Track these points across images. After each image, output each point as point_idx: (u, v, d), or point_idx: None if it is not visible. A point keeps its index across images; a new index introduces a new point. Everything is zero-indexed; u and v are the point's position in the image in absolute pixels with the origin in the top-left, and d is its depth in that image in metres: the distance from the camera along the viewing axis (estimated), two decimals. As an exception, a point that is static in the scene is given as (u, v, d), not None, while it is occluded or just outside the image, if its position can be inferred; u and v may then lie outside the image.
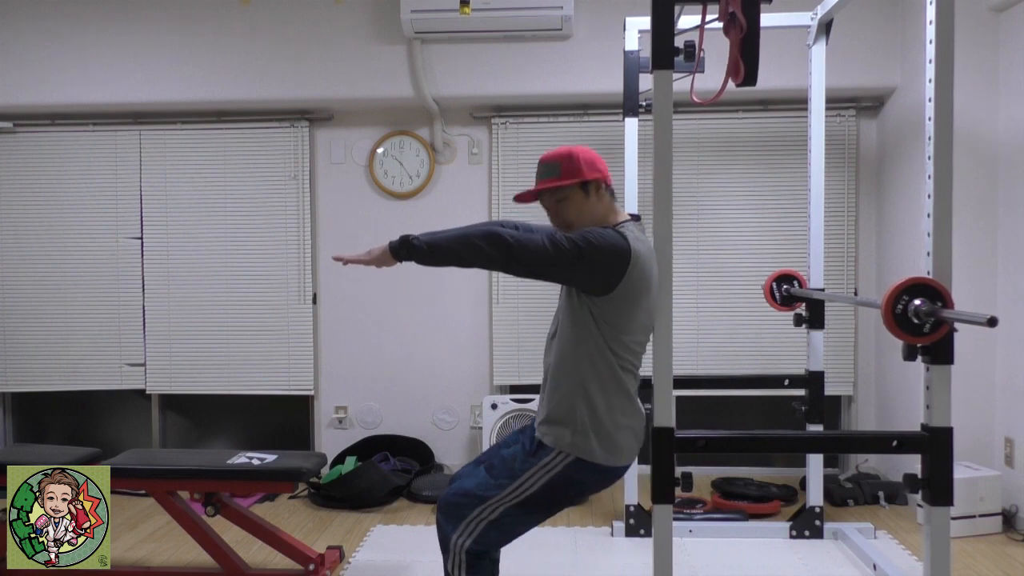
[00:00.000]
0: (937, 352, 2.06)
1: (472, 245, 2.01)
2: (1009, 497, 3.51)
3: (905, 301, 1.99)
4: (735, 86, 2.01)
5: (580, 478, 2.10)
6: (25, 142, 4.47)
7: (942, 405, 2.08)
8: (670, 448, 1.99)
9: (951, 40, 2.06)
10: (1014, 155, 3.53)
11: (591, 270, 2.00)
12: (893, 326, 2.00)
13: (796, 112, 4.15)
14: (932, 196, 2.09)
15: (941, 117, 2.07)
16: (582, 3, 4.05)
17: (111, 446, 4.50)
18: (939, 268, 2.08)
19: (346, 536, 3.53)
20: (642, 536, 3.43)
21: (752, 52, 1.94)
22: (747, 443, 2.40)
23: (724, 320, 4.29)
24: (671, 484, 1.99)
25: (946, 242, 2.08)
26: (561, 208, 2.16)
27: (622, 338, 2.07)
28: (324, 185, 4.47)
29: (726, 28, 1.98)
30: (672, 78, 1.95)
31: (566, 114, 4.32)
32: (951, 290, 2.01)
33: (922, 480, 2.09)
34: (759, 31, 1.94)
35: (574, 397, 2.09)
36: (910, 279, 1.99)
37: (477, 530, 2.11)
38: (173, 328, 4.47)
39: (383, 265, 2.16)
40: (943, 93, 2.07)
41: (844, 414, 4.43)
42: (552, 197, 2.16)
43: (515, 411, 4.21)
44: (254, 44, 4.21)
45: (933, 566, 2.06)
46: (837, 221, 4.24)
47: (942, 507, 2.07)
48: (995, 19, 3.62)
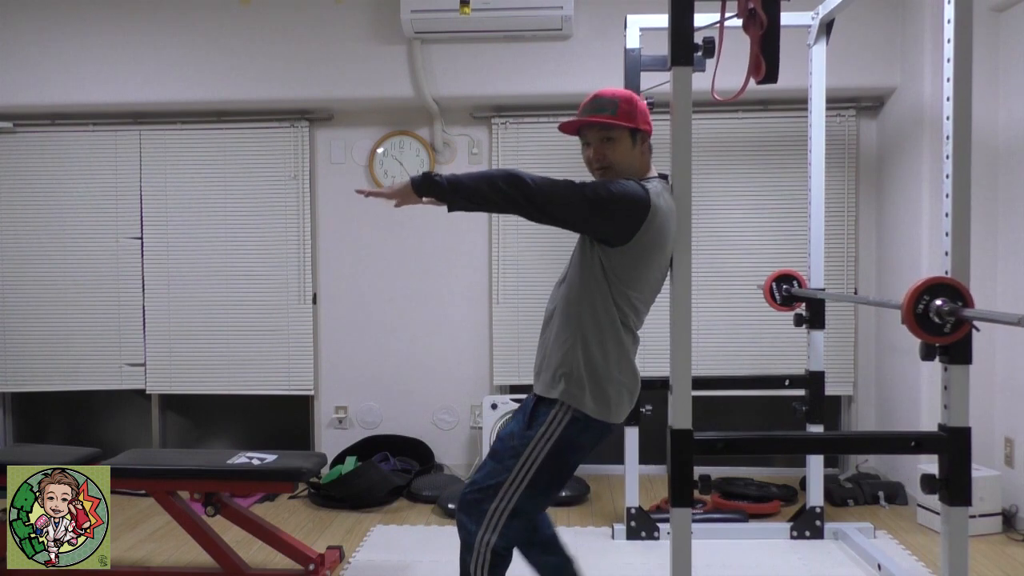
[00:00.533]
0: (956, 352, 2.04)
1: (493, 183, 2.00)
2: (1009, 497, 3.51)
3: (926, 301, 1.98)
4: (755, 83, 2.01)
5: (578, 440, 2.11)
6: (25, 142, 4.47)
7: (960, 405, 2.07)
8: (689, 451, 1.97)
9: (970, 39, 2.05)
10: (1014, 155, 3.53)
11: (609, 217, 2.00)
12: (914, 326, 1.98)
13: (796, 112, 4.15)
14: (950, 195, 2.08)
15: (960, 116, 2.06)
16: (582, 3, 4.05)
17: (111, 446, 4.50)
18: (958, 267, 2.06)
19: (346, 536, 3.53)
20: (643, 539, 3.42)
21: (773, 49, 1.93)
22: (767, 444, 2.37)
23: (724, 320, 4.29)
24: (690, 487, 1.98)
25: (965, 242, 2.07)
26: (607, 148, 2.12)
27: (629, 294, 2.07)
28: (324, 185, 4.47)
29: (746, 25, 1.97)
30: (691, 75, 1.94)
31: (566, 114, 4.32)
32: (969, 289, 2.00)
33: (940, 480, 2.07)
34: (779, 27, 1.93)
35: (573, 345, 2.09)
36: (930, 279, 1.98)
37: (500, 523, 2.09)
38: (173, 328, 4.47)
39: (405, 202, 2.10)
40: (962, 92, 2.05)
41: (844, 414, 4.43)
42: (600, 134, 2.12)
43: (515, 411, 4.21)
44: (254, 44, 4.21)
45: (951, 566, 2.05)
46: (837, 221, 4.24)
47: (960, 507, 2.06)
48: (995, 19, 3.62)
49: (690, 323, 1.98)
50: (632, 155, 2.13)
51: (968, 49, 2.05)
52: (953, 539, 2.05)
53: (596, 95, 2.15)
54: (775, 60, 1.93)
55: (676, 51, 1.92)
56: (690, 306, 1.98)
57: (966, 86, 2.05)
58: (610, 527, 3.55)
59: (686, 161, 1.95)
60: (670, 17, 1.93)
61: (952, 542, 2.05)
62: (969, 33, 2.04)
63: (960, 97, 2.06)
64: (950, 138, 2.08)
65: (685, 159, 1.95)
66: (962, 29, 2.04)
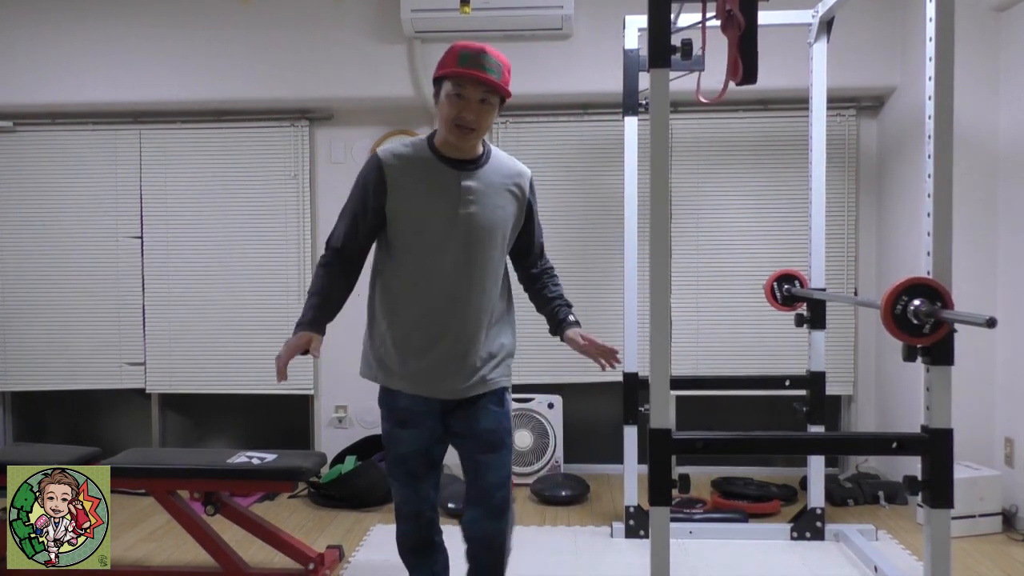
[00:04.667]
0: (937, 353, 2.05)
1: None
2: (1009, 497, 3.51)
3: (904, 301, 1.98)
4: (734, 85, 2.01)
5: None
6: (25, 142, 4.47)
7: (942, 406, 2.07)
8: (668, 450, 1.98)
9: (951, 37, 2.05)
10: (1014, 155, 3.53)
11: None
12: (892, 327, 2.00)
13: (796, 112, 4.15)
14: (932, 196, 2.08)
15: (941, 116, 2.06)
16: (582, 2, 4.04)
17: (111, 445, 4.49)
18: (939, 268, 2.07)
19: (346, 535, 3.53)
20: (642, 537, 3.42)
21: (750, 50, 1.93)
22: (746, 445, 2.39)
23: (725, 320, 4.28)
24: (669, 486, 1.99)
25: (946, 242, 2.07)
26: (484, 110, 2.10)
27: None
28: (324, 185, 4.46)
29: (724, 26, 1.98)
30: (668, 77, 1.95)
31: (566, 113, 4.32)
32: (951, 290, 2.01)
33: (922, 482, 2.07)
34: (757, 29, 1.93)
35: (508, 327, 2.30)
36: (909, 279, 1.99)
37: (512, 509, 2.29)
38: (173, 328, 4.47)
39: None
40: (943, 91, 2.06)
41: (844, 414, 4.43)
42: (484, 94, 2.09)
43: (515, 410, 4.21)
44: (254, 44, 4.21)
45: (934, 569, 2.05)
46: (837, 221, 4.23)
47: (942, 509, 2.06)
48: (995, 19, 3.62)
49: (669, 324, 1.99)
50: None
51: (949, 48, 2.05)
52: (935, 541, 2.05)
53: (485, 50, 2.10)
54: (753, 61, 1.93)
55: (654, 53, 1.93)
56: (669, 307, 1.99)
57: (948, 85, 2.05)
58: (609, 526, 3.55)
59: (664, 161, 1.95)
60: (649, 19, 1.93)
61: (934, 544, 2.05)
62: (950, 32, 2.04)
63: (941, 96, 2.06)
64: (931, 138, 2.08)
65: (663, 159, 1.95)
66: (943, 28, 2.04)
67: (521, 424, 4.24)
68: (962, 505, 3.33)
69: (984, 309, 3.58)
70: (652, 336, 2.00)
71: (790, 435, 2.89)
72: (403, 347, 2.17)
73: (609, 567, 3.16)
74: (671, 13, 1.94)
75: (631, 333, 3.38)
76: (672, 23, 1.94)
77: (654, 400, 1.97)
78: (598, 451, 4.45)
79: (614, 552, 3.32)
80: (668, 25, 1.93)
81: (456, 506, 3.72)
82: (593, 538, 3.47)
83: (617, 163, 3.21)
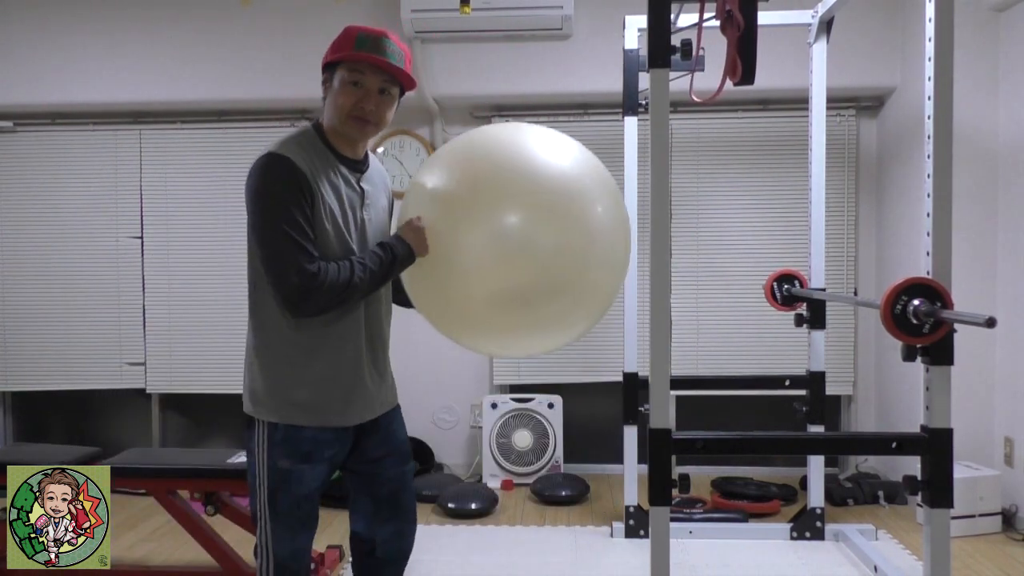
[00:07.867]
0: (937, 353, 2.05)
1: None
2: (1009, 497, 3.51)
3: (904, 301, 1.98)
4: (733, 85, 2.01)
5: None
6: (25, 142, 4.47)
7: (942, 406, 2.07)
8: (668, 450, 1.98)
9: (951, 38, 2.05)
10: (1014, 155, 3.53)
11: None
12: (892, 327, 2.00)
13: (796, 112, 4.15)
14: (931, 195, 2.08)
15: (940, 116, 2.06)
16: (582, 2, 4.04)
17: (111, 445, 4.48)
18: (939, 268, 2.07)
19: (346, 536, 3.52)
20: (642, 537, 3.42)
21: (749, 51, 1.94)
22: (746, 445, 2.39)
23: (724, 320, 4.29)
24: (669, 486, 1.99)
25: (946, 242, 2.07)
26: (384, 101, 1.87)
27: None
28: (324, 185, 4.46)
29: (723, 26, 1.98)
30: (668, 77, 1.95)
31: (566, 113, 4.32)
32: (951, 290, 2.01)
33: (922, 482, 2.08)
34: (756, 29, 1.93)
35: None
36: (909, 279, 1.98)
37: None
38: (173, 327, 4.47)
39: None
40: (943, 91, 2.06)
41: (844, 414, 4.43)
42: (385, 84, 1.87)
43: (515, 410, 4.22)
44: (254, 44, 4.21)
45: (933, 568, 2.05)
46: (837, 221, 4.24)
47: (942, 509, 2.06)
48: (995, 19, 3.62)
49: (669, 324, 1.99)
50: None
51: (949, 49, 2.05)
52: (935, 541, 2.05)
53: (386, 35, 1.89)
54: (752, 62, 1.94)
55: (653, 53, 1.93)
56: (669, 307, 1.99)
57: (947, 86, 2.05)
58: (609, 526, 3.55)
59: (664, 161, 1.96)
60: (648, 19, 1.94)
61: (934, 544, 2.05)
62: (950, 32, 2.04)
63: (941, 97, 2.06)
64: (931, 138, 2.08)
65: (663, 159, 1.96)
66: (943, 28, 2.04)
67: (521, 424, 4.24)
68: (962, 505, 3.33)
69: (984, 309, 3.58)
70: (652, 336, 2.00)
71: (790, 435, 2.90)
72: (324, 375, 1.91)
73: (609, 567, 3.16)
74: (671, 13, 1.94)
75: (631, 333, 3.39)
76: (672, 23, 1.95)
77: (654, 400, 1.98)
78: (598, 451, 4.45)
79: (614, 552, 3.32)
80: (668, 25, 1.93)
81: (456, 506, 3.72)
82: (593, 538, 3.47)
83: (617, 163, 3.21)
